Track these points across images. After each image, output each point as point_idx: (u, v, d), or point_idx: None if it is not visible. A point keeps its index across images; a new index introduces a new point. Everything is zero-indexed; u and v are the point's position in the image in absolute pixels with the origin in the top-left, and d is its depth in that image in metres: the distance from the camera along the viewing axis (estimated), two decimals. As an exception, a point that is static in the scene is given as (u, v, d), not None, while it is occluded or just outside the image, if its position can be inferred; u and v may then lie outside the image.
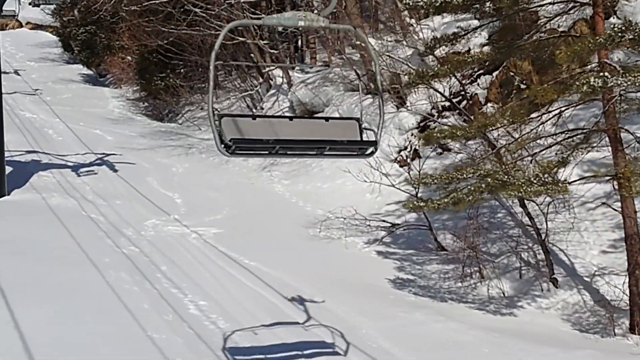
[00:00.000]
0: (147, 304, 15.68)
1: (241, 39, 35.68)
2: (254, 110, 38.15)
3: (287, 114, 33.78)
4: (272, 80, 37.53)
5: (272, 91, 36.84)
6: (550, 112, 17.92)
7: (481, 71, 26.00)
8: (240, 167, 31.39)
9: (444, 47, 27.15)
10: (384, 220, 22.96)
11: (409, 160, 26.22)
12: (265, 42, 36.12)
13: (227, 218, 23.71)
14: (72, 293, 15.72)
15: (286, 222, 23.71)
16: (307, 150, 9.68)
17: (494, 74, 25.35)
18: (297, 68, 36.92)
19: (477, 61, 17.69)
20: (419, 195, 21.48)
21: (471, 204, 16.21)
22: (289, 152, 9.61)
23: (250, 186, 28.16)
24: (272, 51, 35.82)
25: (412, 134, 26.53)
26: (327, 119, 10.56)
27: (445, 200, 16.04)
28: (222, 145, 8.92)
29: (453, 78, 26.25)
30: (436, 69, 16.82)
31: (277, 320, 15.37)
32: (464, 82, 26.29)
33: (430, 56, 26.98)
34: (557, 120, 18.95)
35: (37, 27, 76.25)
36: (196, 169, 31.02)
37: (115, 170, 29.41)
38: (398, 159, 26.63)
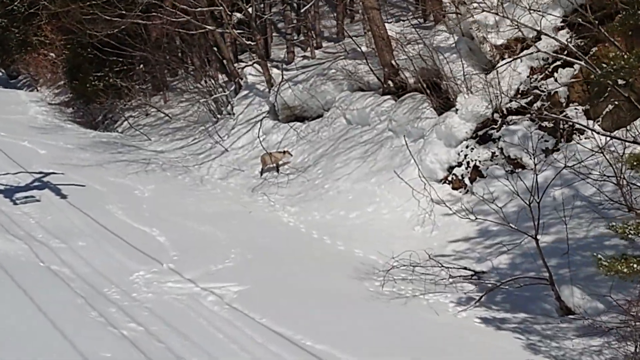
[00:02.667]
0: None
1: (209, 27, 28.72)
2: (219, 116, 31.22)
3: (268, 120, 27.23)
4: (242, 79, 30.62)
5: (243, 92, 29.94)
6: None
7: (557, 62, 19.73)
8: (222, 188, 24.72)
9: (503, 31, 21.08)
10: (465, 268, 16.57)
11: (466, 180, 19.77)
12: (239, 32, 29.17)
13: (242, 266, 17.08)
14: None
15: (324, 269, 17.26)
16: None
17: (577, 65, 19.09)
18: (274, 64, 30.19)
19: None
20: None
21: None
22: None
23: (249, 216, 21.42)
24: (249, 43, 28.87)
25: (467, 146, 20.08)
26: None
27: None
28: None
29: (521, 71, 20.17)
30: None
31: None
32: (534, 76, 20.08)
33: (487, 44, 20.74)
34: None
35: None
36: (166, 191, 24.12)
37: (64, 196, 22.42)
38: (450, 179, 20.17)
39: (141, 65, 36.54)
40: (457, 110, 20.63)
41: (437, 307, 15.08)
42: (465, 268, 16.68)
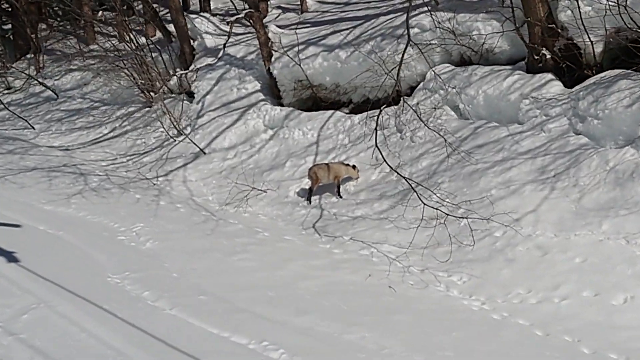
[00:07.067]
0: None
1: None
2: (153, 96, 20.35)
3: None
4: (194, 40, 19.84)
5: (207, 60, 19.12)
6: None
7: None
8: (263, 227, 14.32)
9: None
10: None
11: None
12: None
13: None
14: None
15: None
16: None
17: None
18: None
19: None
20: None
21: None
22: None
23: (400, 302, 11.52)
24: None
25: None
26: None
27: None
28: None
29: None
30: None
31: None
32: None
33: None
34: None
35: None
36: (175, 237, 13.60)
37: (10, 256, 11.23)
38: None
39: None
40: None
41: None
42: None
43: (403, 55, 12.92)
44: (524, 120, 14.44)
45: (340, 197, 15.14)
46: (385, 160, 13.46)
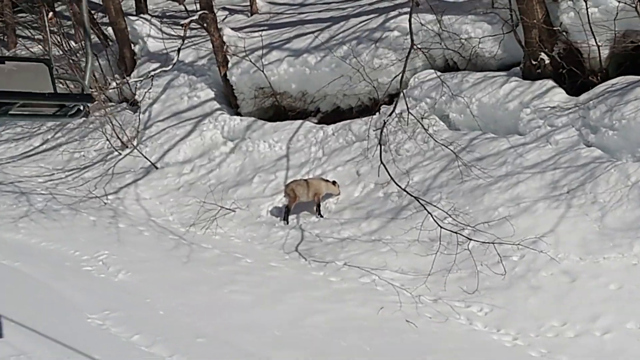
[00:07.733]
0: None
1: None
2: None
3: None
4: (134, 44, 18.20)
5: (152, 65, 17.51)
6: None
7: None
8: (244, 252, 12.70)
9: None
10: None
11: None
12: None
13: None
14: None
15: None
16: None
17: None
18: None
19: None
20: None
21: None
22: None
23: (416, 332, 10.21)
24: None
25: None
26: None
27: None
28: None
29: None
30: None
31: None
32: None
33: None
34: None
35: None
36: (154, 268, 12.11)
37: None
38: None
39: None
40: None
41: None
42: None
43: (407, 60, 11.62)
44: (525, 131, 13.28)
45: (321, 216, 13.75)
46: (393, 179, 12.21)
